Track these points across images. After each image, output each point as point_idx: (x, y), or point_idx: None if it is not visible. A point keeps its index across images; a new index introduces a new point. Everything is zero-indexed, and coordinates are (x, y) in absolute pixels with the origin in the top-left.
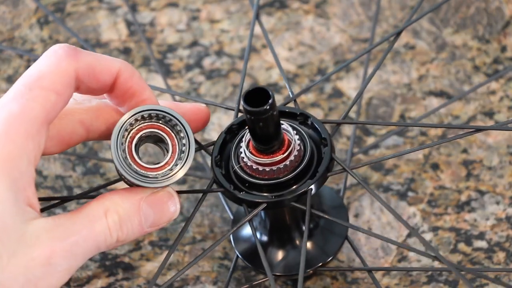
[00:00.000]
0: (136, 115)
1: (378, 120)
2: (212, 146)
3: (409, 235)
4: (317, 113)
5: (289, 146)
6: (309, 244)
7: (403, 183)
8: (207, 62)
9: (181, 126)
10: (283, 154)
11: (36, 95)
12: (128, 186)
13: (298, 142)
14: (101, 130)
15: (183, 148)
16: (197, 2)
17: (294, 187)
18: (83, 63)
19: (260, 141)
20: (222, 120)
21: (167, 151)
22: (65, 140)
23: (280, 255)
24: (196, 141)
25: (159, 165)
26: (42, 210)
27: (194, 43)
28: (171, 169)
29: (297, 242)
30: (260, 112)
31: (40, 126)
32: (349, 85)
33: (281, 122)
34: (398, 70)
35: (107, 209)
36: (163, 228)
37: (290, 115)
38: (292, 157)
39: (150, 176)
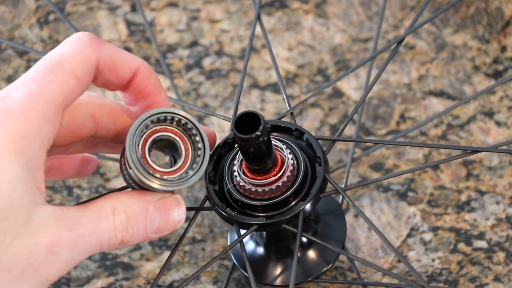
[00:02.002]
0: (153, 116)
1: (378, 121)
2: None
3: (409, 236)
4: (317, 113)
5: (282, 165)
6: (308, 252)
7: (403, 183)
8: (207, 62)
9: (197, 132)
10: (275, 175)
11: (56, 78)
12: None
13: (291, 161)
14: (110, 127)
15: (199, 152)
16: (197, 2)
17: (286, 208)
18: (106, 53)
19: (252, 162)
20: (222, 120)
21: (179, 156)
22: (75, 131)
23: (278, 266)
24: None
25: (172, 169)
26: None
27: (194, 43)
28: (186, 173)
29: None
30: (250, 139)
31: (57, 109)
32: (349, 85)
33: (274, 140)
34: (398, 70)
35: (115, 208)
36: None
37: (285, 130)
38: (284, 178)
39: (163, 179)
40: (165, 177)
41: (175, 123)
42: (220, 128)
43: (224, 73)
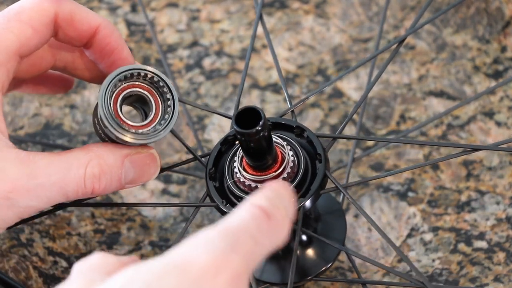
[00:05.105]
0: (120, 75)
1: (378, 121)
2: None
3: (409, 236)
4: (317, 114)
5: (282, 161)
6: (307, 251)
7: (403, 183)
8: (207, 62)
9: (164, 84)
10: (275, 171)
11: (12, 26)
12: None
13: (292, 158)
14: (67, 59)
15: (168, 103)
16: (197, 2)
17: None
18: (64, 8)
19: (252, 158)
20: (222, 121)
21: (150, 111)
22: (36, 64)
23: (278, 264)
24: (189, 148)
25: (145, 122)
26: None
27: (194, 43)
28: (159, 124)
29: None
30: (250, 133)
31: (12, 56)
32: (349, 85)
33: (274, 136)
34: (398, 70)
35: (90, 159)
36: (163, 228)
37: (286, 128)
38: (285, 174)
39: (138, 133)
40: (140, 131)
41: (141, 78)
42: (221, 128)
43: (224, 73)
